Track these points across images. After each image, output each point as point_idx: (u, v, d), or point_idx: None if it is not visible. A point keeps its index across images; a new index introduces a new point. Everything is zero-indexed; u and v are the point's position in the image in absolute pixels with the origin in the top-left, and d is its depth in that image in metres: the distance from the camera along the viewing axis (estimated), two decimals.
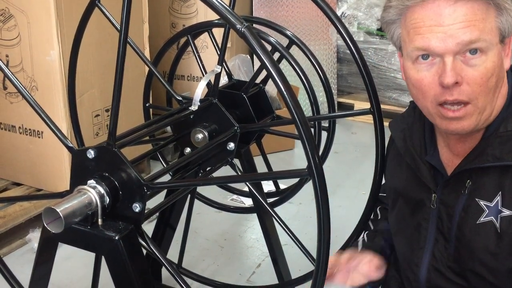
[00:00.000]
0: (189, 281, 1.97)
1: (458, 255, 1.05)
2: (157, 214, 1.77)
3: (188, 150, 1.44)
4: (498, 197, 0.98)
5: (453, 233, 1.05)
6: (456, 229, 1.04)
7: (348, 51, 4.54)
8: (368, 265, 1.19)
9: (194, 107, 1.36)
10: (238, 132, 1.40)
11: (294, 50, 1.61)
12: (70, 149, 1.11)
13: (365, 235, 1.34)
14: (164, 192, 1.51)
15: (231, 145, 1.40)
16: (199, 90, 1.35)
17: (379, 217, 1.37)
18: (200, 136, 1.39)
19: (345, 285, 1.16)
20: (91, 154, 1.06)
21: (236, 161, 1.53)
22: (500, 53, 0.97)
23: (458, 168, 1.03)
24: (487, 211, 0.99)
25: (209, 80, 1.51)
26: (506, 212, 0.97)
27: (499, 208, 0.98)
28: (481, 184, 1.00)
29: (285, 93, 0.81)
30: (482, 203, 1.00)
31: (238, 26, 0.81)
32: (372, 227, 1.36)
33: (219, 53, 1.62)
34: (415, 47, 0.97)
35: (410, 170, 1.14)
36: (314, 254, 0.95)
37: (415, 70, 0.99)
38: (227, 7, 0.83)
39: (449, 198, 1.05)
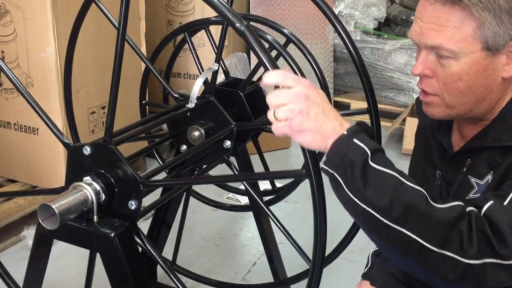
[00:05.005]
0: (184, 279, 1.97)
1: None
2: (153, 211, 1.77)
3: (184, 147, 1.43)
4: (489, 176, 1.01)
5: None
6: None
7: (344, 50, 4.48)
8: None
9: (191, 105, 1.35)
10: (234, 130, 1.40)
11: (291, 49, 1.61)
12: (66, 145, 1.10)
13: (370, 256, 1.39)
14: (159, 190, 1.51)
15: (228, 143, 1.40)
16: (196, 88, 1.35)
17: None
18: (196, 133, 1.38)
19: None
20: (87, 150, 1.05)
21: (232, 159, 1.53)
22: (480, 61, 0.96)
23: (462, 148, 1.07)
24: (477, 188, 1.02)
25: (206, 78, 1.50)
26: (490, 190, 1.00)
27: (487, 187, 1.01)
28: (477, 162, 1.03)
29: None
30: (473, 180, 1.03)
31: (238, 24, 0.80)
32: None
33: (216, 51, 1.61)
34: (408, 34, 1.04)
35: (424, 146, 1.19)
36: (309, 253, 0.95)
37: (416, 51, 1.05)
38: (227, 5, 0.82)
39: (450, 176, 1.09)
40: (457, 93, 0.99)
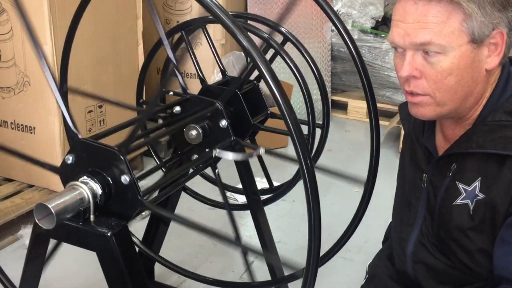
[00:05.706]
0: (182, 278, 1.97)
1: (439, 234, 1.10)
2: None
3: (177, 108, 1.41)
4: (477, 183, 1.02)
5: (436, 212, 1.10)
6: (438, 209, 1.09)
7: (342, 49, 4.46)
8: None
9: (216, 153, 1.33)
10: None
11: (288, 48, 1.61)
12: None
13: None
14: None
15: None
16: (230, 157, 1.32)
17: None
18: (194, 132, 1.38)
19: None
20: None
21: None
22: (467, 54, 0.98)
23: (446, 151, 1.08)
24: (464, 194, 1.04)
25: (204, 78, 1.49)
26: (481, 196, 1.02)
27: (476, 193, 1.02)
28: (463, 168, 1.05)
29: (275, 91, 0.80)
30: (460, 186, 1.05)
31: None
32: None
33: (213, 49, 1.61)
34: (389, 39, 1.04)
35: (410, 151, 1.20)
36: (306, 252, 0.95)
37: (395, 56, 1.06)
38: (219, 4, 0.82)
39: (436, 179, 1.10)
40: (448, 89, 1.00)
